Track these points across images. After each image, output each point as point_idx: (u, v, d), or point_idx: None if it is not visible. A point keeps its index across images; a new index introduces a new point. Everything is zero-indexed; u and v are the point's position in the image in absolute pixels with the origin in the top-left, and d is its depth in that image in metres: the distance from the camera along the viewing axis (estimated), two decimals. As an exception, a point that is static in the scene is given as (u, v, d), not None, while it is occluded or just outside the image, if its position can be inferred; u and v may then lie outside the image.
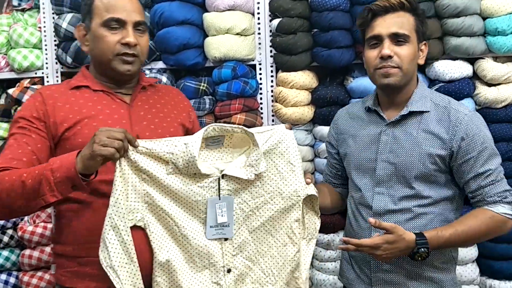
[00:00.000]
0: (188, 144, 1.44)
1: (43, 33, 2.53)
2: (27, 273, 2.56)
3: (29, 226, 2.52)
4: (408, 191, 1.60)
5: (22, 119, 1.56)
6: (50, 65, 2.53)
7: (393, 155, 1.62)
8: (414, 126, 1.61)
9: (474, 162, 1.56)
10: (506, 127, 2.17)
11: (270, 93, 2.39)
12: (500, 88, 2.19)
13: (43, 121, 1.55)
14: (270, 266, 1.56)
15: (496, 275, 2.24)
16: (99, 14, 1.58)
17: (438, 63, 2.20)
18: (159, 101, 1.72)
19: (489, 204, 1.56)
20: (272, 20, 2.32)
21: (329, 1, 2.20)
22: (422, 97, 1.64)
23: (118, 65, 1.59)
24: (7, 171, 1.43)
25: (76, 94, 1.62)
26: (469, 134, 1.56)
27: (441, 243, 1.52)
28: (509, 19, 2.14)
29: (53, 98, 1.59)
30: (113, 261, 1.40)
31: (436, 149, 1.57)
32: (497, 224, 1.55)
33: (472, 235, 1.54)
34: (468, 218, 1.56)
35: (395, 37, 1.58)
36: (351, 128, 1.77)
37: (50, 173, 1.36)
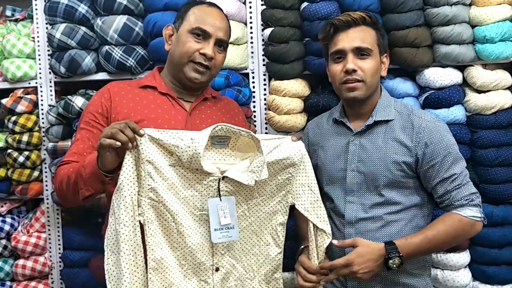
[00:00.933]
0: (194, 139, 1.44)
1: (36, 43, 2.53)
2: (21, 283, 2.56)
3: (23, 236, 2.52)
4: (378, 198, 1.63)
5: (89, 113, 1.68)
6: (43, 75, 2.54)
7: (361, 164, 1.65)
8: (380, 135, 1.66)
9: (439, 167, 1.60)
10: (496, 133, 2.20)
11: (263, 101, 2.41)
12: (489, 95, 2.22)
13: (106, 117, 1.65)
14: (251, 263, 1.60)
15: (489, 280, 2.25)
16: (189, 21, 1.70)
17: (428, 70, 2.23)
18: (216, 113, 1.80)
19: (456, 208, 1.59)
20: (265, 30, 2.35)
21: (320, 10, 2.23)
22: (386, 107, 1.69)
23: (189, 71, 1.70)
24: (67, 164, 1.58)
25: (142, 94, 1.71)
26: (433, 140, 1.60)
27: (412, 250, 1.54)
28: (497, 27, 2.17)
29: (119, 95, 1.69)
30: (108, 244, 1.43)
31: (402, 156, 1.61)
32: (465, 227, 1.59)
33: (442, 239, 1.57)
34: (437, 223, 1.59)
35: (358, 51, 1.63)
36: (320, 139, 1.81)
37: (82, 169, 1.48)
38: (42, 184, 2.55)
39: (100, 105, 1.67)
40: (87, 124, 1.67)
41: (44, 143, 2.53)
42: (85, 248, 2.48)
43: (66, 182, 1.55)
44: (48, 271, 2.57)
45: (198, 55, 1.68)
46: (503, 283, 2.25)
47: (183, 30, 1.71)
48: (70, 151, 1.64)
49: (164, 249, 1.48)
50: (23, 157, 2.48)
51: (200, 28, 1.69)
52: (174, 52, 1.73)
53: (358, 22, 1.64)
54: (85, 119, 1.69)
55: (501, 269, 2.24)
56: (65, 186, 1.56)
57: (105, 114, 1.66)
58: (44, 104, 2.53)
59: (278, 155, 1.55)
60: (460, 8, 2.18)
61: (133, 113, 1.65)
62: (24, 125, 2.46)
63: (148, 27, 2.34)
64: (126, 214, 1.40)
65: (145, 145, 1.43)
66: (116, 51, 2.36)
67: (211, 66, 1.70)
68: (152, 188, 1.44)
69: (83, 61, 2.40)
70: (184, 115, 1.71)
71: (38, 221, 2.55)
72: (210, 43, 1.69)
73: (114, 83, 1.76)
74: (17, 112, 2.47)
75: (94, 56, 2.44)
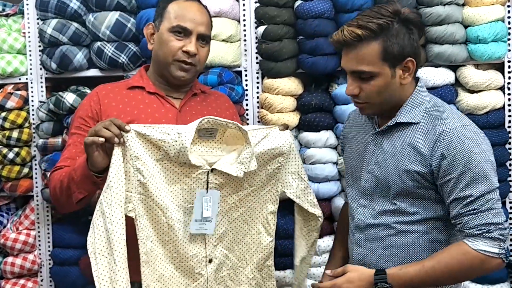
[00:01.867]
0: (181, 134, 1.45)
1: (27, 39, 2.51)
2: (10, 281, 2.53)
3: (12, 233, 2.49)
4: (390, 206, 1.48)
5: (79, 118, 1.67)
6: (34, 70, 2.51)
7: (377, 167, 1.51)
8: (399, 138, 1.48)
9: (455, 184, 1.37)
10: (488, 133, 2.17)
11: (256, 100, 2.40)
12: (481, 95, 2.23)
13: (96, 120, 1.64)
14: (243, 252, 1.62)
15: (479, 279, 2.26)
16: (169, 19, 1.68)
17: (421, 70, 2.24)
18: (207, 108, 1.79)
19: (467, 236, 1.36)
20: (258, 27, 2.34)
21: (314, 8, 2.23)
22: (415, 106, 1.48)
23: (174, 70, 1.68)
24: (60, 169, 1.59)
25: (130, 95, 1.70)
26: (451, 151, 1.37)
27: (403, 281, 1.38)
28: (490, 27, 2.18)
29: (108, 97, 1.69)
30: (96, 248, 1.38)
31: (414, 165, 1.42)
32: (473, 262, 1.35)
33: (442, 272, 1.36)
34: (441, 253, 1.39)
35: (357, 74, 1.44)
36: (351, 132, 1.69)
37: (73, 172, 1.48)
38: (32, 181, 2.52)
39: (89, 109, 1.67)
40: (78, 128, 1.67)
41: (34, 140, 2.51)
42: (75, 246, 2.46)
43: (59, 187, 1.55)
44: (37, 268, 2.54)
45: (181, 53, 1.66)
46: (493, 282, 2.27)
47: (163, 29, 1.69)
48: (63, 156, 1.65)
49: (154, 242, 1.48)
50: (13, 154, 2.45)
51: (180, 26, 1.66)
52: (157, 52, 1.71)
53: (353, 43, 1.40)
54: (75, 124, 1.68)
55: (491, 268, 2.25)
56: (58, 191, 1.56)
57: (95, 117, 1.66)
58: (35, 100, 2.50)
59: (267, 145, 1.57)
60: (453, 8, 2.19)
61: (123, 114, 1.64)
62: (14, 121, 2.44)
63: (140, 23, 2.33)
64: (118, 212, 1.39)
65: (132, 141, 1.43)
66: (108, 48, 2.34)
67: (195, 62, 1.69)
68: (142, 183, 1.44)
69: (75, 57, 2.38)
70: (174, 113, 1.71)
71: (28, 218, 2.53)
72: (192, 39, 1.67)
73: (101, 86, 1.75)
74: (7, 108, 2.44)
75: (86, 52, 2.41)
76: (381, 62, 1.40)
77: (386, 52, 1.39)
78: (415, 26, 1.44)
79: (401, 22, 1.41)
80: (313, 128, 2.32)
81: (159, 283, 1.49)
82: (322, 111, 2.32)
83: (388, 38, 1.39)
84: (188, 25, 1.66)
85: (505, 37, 2.23)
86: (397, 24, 1.41)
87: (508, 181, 2.29)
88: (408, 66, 1.44)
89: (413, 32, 1.43)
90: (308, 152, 2.32)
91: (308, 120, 2.32)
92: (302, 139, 2.36)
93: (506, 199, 2.29)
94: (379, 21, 1.38)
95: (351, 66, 1.43)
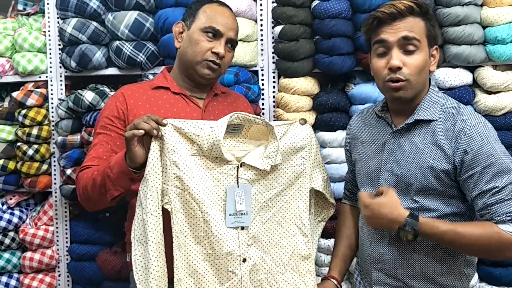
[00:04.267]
0: (214, 128, 1.49)
1: (47, 37, 2.55)
2: (28, 275, 2.57)
3: (31, 229, 2.53)
4: (411, 203, 1.49)
5: (105, 118, 1.69)
6: (54, 69, 2.55)
7: (397, 165, 1.52)
8: (419, 136, 1.50)
9: (479, 178, 1.41)
10: (506, 134, 2.19)
11: (272, 99, 2.41)
12: (499, 96, 2.21)
13: (123, 120, 1.67)
14: (280, 256, 1.60)
15: (495, 281, 2.25)
16: (201, 20, 1.73)
17: (439, 70, 2.23)
18: (228, 107, 1.83)
19: (497, 223, 1.40)
20: (275, 27, 2.35)
21: (331, 8, 2.23)
22: (431, 104, 1.52)
23: (202, 69, 1.72)
24: (88, 169, 1.61)
25: (156, 95, 1.74)
26: (473, 147, 1.42)
27: (432, 233, 1.41)
28: (508, 28, 2.17)
29: (134, 97, 1.71)
30: (135, 235, 1.45)
31: (439, 162, 1.45)
32: (502, 243, 1.39)
33: (469, 241, 1.40)
34: (473, 225, 1.43)
35: (404, 43, 1.46)
36: (362, 133, 1.69)
37: (109, 170, 1.50)
38: (51, 177, 2.56)
39: (115, 109, 1.69)
40: (104, 128, 1.69)
41: (53, 137, 2.55)
42: (92, 242, 2.50)
43: (92, 184, 1.56)
44: (55, 264, 2.58)
45: (211, 54, 1.71)
46: (509, 284, 2.25)
47: (195, 29, 1.73)
48: (89, 156, 1.66)
49: (189, 237, 1.50)
50: (32, 150, 2.49)
51: (212, 27, 1.71)
52: (185, 50, 1.74)
53: (405, 13, 1.47)
54: (101, 123, 1.70)
55: (507, 270, 2.23)
56: (90, 189, 1.57)
57: (122, 117, 1.68)
58: (54, 98, 2.54)
59: (289, 140, 1.60)
60: (471, 9, 2.17)
61: (150, 112, 1.62)
62: (34, 118, 2.48)
63: (159, 23, 2.35)
64: (153, 204, 1.44)
65: (169, 135, 1.47)
66: (126, 47, 2.36)
67: (221, 64, 1.74)
68: (178, 176, 1.47)
69: (94, 56, 2.41)
70: (199, 113, 1.75)
71: (46, 214, 2.57)
72: (222, 42, 1.72)
73: (126, 87, 1.78)
74: (27, 105, 2.48)
75: (104, 51, 2.44)
76: (425, 37, 1.49)
77: (429, 30, 1.50)
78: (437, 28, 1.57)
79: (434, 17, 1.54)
80: (329, 128, 2.32)
81: (192, 279, 1.50)
82: (338, 111, 2.33)
83: (429, 21, 1.51)
84: (221, 27, 1.71)
85: (524, 37, 2.22)
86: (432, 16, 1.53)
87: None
88: (434, 54, 1.54)
89: (438, 29, 1.56)
90: (324, 152, 2.32)
91: (324, 120, 2.32)
92: (318, 139, 2.36)
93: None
94: (422, 3, 1.50)
95: (401, 33, 1.47)
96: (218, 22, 1.72)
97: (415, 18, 1.48)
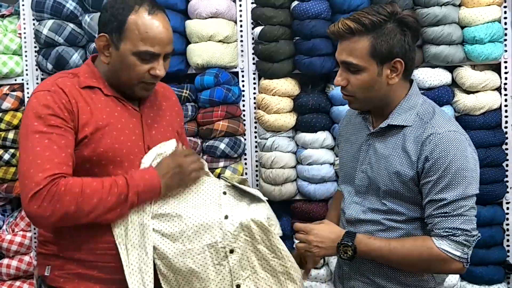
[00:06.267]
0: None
1: (23, 40, 2.50)
2: (5, 282, 2.52)
3: (8, 235, 2.48)
4: (380, 205, 1.52)
5: (53, 116, 1.42)
6: (30, 71, 2.51)
7: (369, 167, 1.54)
8: (392, 141, 1.51)
9: (432, 187, 1.42)
10: (484, 133, 2.21)
11: (252, 100, 2.40)
12: (478, 96, 2.23)
13: (73, 121, 1.46)
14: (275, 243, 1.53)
15: (476, 280, 2.27)
16: (133, 40, 1.45)
17: (418, 71, 2.24)
18: (161, 107, 1.66)
19: (435, 236, 1.42)
20: (255, 28, 2.34)
21: (310, 9, 2.22)
22: (407, 110, 1.51)
23: (139, 91, 1.53)
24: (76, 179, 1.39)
25: (92, 96, 1.51)
26: (434, 155, 1.41)
27: (367, 249, 1.46)
28: (486, 28, 2.18)
29: (74, 97, 1.48)
30: (128, 240, 1.44)
31: (405, 168, 1.46)
32: (434, 259, 1.41)
33: (402, 256, 1.44)
34: (408, 239, 1.47)
35: (346, 65, 1.47)
36: (347, 131, 1.70)
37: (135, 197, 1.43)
38: (28, 182, 2.51)
39: (64, 108, 1.44)
40: (56, 128, 1.42)
41: (30, 141, 2.50)
42: (71, 247, 2.46)
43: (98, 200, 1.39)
44: (33, 270, 2.53)
45: (149, 75, 1.49)
46: (490, 283, 2.27)
47: (126, 51, 1.45)
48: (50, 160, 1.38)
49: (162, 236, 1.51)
50: (9, 155, 2.44)
51: (148, 52, 1.45)
52: (118, 71, 1.50)
53: (345, 35, 1.44)
54: (50, 122, 1.42)
55: (488, 269, 2.25)
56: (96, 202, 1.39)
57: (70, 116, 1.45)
58: (31, 101, 2.49)
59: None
60: (450, 9, 2.19)
61: (92, 118, 1.47)
62: (10, 122, 2.43)
63: (137, 24, 2.32)
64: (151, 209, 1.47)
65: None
66: (104, 48, 2.32)
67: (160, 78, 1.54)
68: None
69: (71, 58, 2.37)
70: (137, 116, 1.56)
71: (23, 220, 2.52)
72: (160, 61, 1.49)
73: (60, 81, 1.49)
74: (3, 109, 2.43)
75: (82, 53, 2.41)
76: (369, 57, 1.44)
77: (375, 49, 1.43)
78: (410, 29, 1.46)
79: (395, 23, 1.44)
80: (310, 129, 2.32)
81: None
82: (318, 112, 2.32)
83: (378, 36, 1.43)
84: (157, 49, 1.46)
85: (502, 37, 2.23)
86: (391, 24, 1.44)
87: (505, 181, 2.28)
88: (396, 67, 1.46)
89: (406, 34, 1.45)
90: (305, 153, 2.31)
91: (305, 121, 2.32)
92: (299, 140, 2.35)
93: (503, 200, 2.29)
94: (373, 18, 1.42)
95: (341, 56, 1.47)
96: (153, 42, 1.45)
97: (359, 38, 1.43)
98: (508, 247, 2.30)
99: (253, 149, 2.43)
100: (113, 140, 1.45)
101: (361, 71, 1.45)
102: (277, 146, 2.34)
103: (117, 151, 1.47)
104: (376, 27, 1.42)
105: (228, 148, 2.33)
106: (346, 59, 1.45)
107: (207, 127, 2.35)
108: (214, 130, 2.33)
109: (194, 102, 2.40)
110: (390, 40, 1.43)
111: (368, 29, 1.42)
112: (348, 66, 1.46)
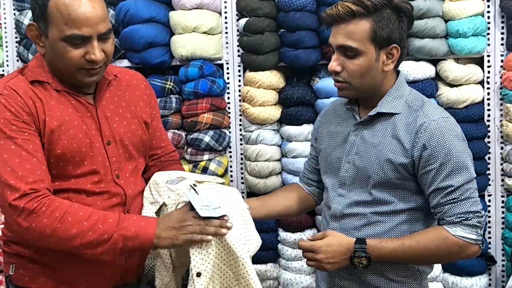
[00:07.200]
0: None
1: (3, 30, 2.46)
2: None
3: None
4: (367, 196, 1.51)
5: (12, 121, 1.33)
6: (11, 62, 2.47)
7: (358, 157, 1.52)
8: (381, 129, 1.50)
9: (435, 175, 1.42)
10: (468, 126, 2.22)
11: (237, 93, 2.39)
12: (461, 89, 2.25)
13: (35, 124, 1.37)
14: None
15: (458, 272, 2.30)
16: (57, 25, 1.33)
17: (402, 64, 2.21)
18: (124, 98, 1.54)
19: (447, 224, 1.42)
20: (239, 20, 2.32)
21: (295, 1, 2.22)
22: (396, 98, 1.50)
23: (83, 78, 1.40)
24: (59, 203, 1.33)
25: (45, 94, 1.41)
26: (432, 143, 1.42)
27: (382, 254, 1.43)
28: (470, 21, 2.20)
29: (28, 97, 1.38)
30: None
31: (397, 156, 1.45)
32: (451, 247, 1.41)
33: (420, 253, 1.43)
34: (420, 234, 1.46)
35: (342, 49, 1.44)
36: (330, 123, 1.68)
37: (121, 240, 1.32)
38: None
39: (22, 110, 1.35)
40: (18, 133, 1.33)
41: (11, 133, 2.46)
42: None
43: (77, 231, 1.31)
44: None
45: (85, 61, 1.36)
46: (472, 275, 2.30)
47: (54, 38, 1.34)
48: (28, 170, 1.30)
49: None
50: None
51: (75, 35, 1.32)
52: (54, 60, 1.39)
53: (345, 17, 1.41)
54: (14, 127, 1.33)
55: (470, 261, 2.26)
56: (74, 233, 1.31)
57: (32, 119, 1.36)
58: (12, 92, 2.45)
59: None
60: (433, 2, 2.20)
61: (48, 117, 1.37)
62: (-10, 114, 2.38)
63: (120, 15, 2.30)
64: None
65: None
66: (87, 39, 2.29)
67: (103, 62, 1.40)
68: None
69: (53, 49, 2.33)
70: (93, 111, 1.45)
71: None
72: (94, 44, 1.34)
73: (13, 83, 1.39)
74: None
75: (64, 44, 2.37)
76: (368, 41, 1.43)
77: (375, 33, 1.42)
78: (406, 16, 1.47)
79: (392, 9, 1.44)
80: (295, 122, 2.32)
81: None
82: (304, 105, 2.32)
83: (379, 20, 1.42)
84: (85, 31, 1.32)
85: (485, 31, 2.25)
86: (389, 10, 1.44)
87: (487, 174, 2.31)
88: (393, 53, 1.47)
89: (403, 21, 1.47)
90: (289, 146, 2.31)
91: (290, 114, 2.32)
92: (284, 133, 2.35)
93: (485, 192, 2.32)
94: (374, 1, 1.41)
95: (339, 40, 1.44)
96: (79, 24, 1.31)
97: (359, 21, 1.42)
98: (489, 239, 2.34)
99: (238, 142, 2.43)
100: (70, 140, 1.36)
101: (359, 55, 1.43)
102: (262, 139, 2.33)
103: (75, 151, 1.39)
104: (377, 10, 1.42)
105: (212, 141, 2.32)
106: (345, 43, 1.42)
107: (191, 120, 2.33)
108: (199, 122, 2.31)
109: (178, 94, 2.38)
110: (390, 24, 1.43)
111: (369, 12, 1.41)
112: (346, 50, 1.44)
